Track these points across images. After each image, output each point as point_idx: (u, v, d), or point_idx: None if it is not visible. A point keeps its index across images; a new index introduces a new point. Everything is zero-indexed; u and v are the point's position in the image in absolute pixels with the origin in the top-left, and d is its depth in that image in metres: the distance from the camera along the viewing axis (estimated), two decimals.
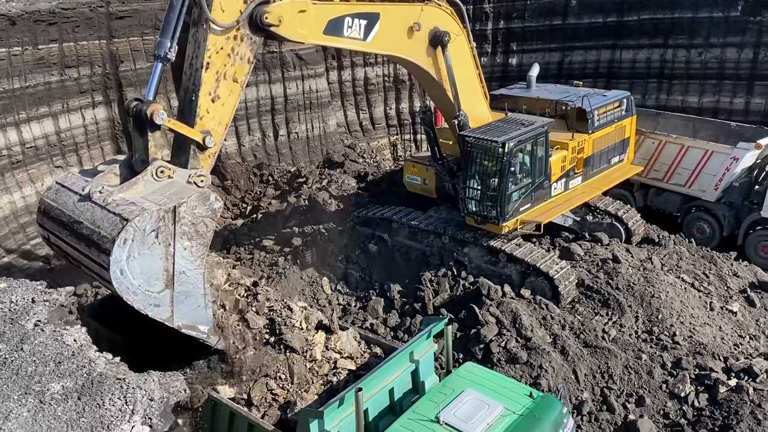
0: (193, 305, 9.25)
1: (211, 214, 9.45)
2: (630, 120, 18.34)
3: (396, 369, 9.28)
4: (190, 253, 9.14)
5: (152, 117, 9.61)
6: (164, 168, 9.77)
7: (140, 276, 8.57)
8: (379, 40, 12.97)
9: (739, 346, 13.61)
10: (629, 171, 18.59)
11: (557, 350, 13.10)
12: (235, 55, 10.46)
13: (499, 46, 27.59)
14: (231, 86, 10.55)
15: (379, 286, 15.99)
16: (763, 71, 23.60)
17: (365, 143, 26.35)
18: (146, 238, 8.61)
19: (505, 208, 14.87)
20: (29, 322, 6.90)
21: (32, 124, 18.70)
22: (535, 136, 15.05)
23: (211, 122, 10.40)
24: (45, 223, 9.74)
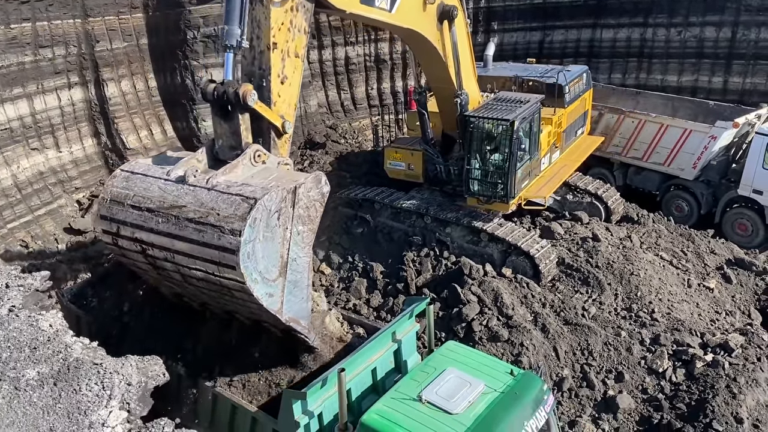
0: (298, 297, 8.83)
1: (321, 198, 9.08)
2: (589, 93, 19.14)
3: (378, 349, 9.30)
4: (302, 238, 8.70)
5: (245, 98, 9.03)
6: (261, 153, 9.32)
7: (262, 260, 8.07)
8: (401, 13, 12.79)
9: (715, 322, 13.84)
10: (594, 141, 19.18)
11: (538, 328, 13.23)
12: (294, 28, 9.99)
13: (480, 26, 27.44)
14: (294, 63, 10.12)
15: (361, 267, 15.99)
16: (741, 50, 23.75)
17: (347, 123, 26.19)
18: (270, 219, 8.12)
19: (512, 186, 15.10)
20: (3, 308, 6.80)
21: (6, 105, 18.32)
22: (532, 113, 15.25)
23: (283, 105, 9.99)
24: (116, 215, 8.70)
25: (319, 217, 9.05)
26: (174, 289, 9.80)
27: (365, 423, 7.77)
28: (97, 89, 20.64)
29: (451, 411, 7.78)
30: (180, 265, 8.43)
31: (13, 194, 18.25)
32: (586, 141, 19.11)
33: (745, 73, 23.62)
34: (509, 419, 7.77)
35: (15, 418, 5.70)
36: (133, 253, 8.87)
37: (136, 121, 21.45)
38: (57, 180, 19.62)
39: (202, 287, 8.76)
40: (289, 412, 7.93)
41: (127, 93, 21.28)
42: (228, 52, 9.16)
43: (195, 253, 8.12)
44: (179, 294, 9.97)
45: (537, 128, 15.77)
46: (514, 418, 7.81)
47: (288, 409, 7.92)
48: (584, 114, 19.03)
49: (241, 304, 8.81)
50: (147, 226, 8.40)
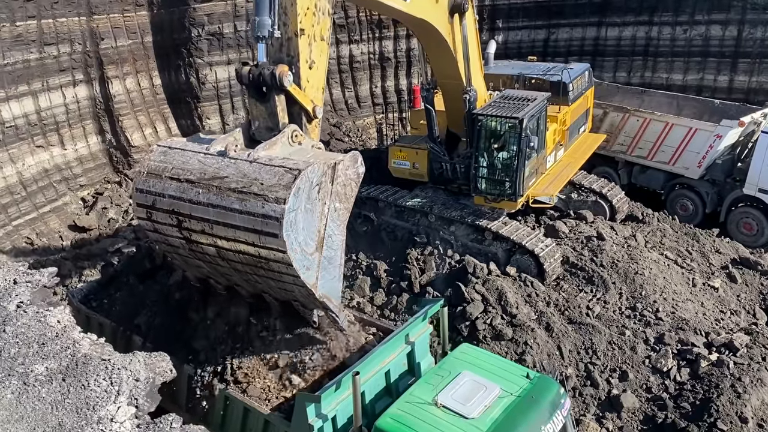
0: (331, 274, 8.94)
1: (357, 177, 9.20)
2: (591, 91, 19.03)
3: (392, 351, 9.18)
4: (338, 215, 8.84)
5: (281, 79, 9.08)
6: (298, 133, 9.43)
7: (302, 231, 8.17)
8: (415, 4, 12.81)
9: (720, 322, 13.82)
10: (597, 139, 19.10)
11: (542, 327, 13.22)
12: (318, 11, 9.97)
13: (485, 24, 27.41)
14: (321, 47, 10.14)
15: (365, 265, 15.99)
16: (747, 49, 23.68)
17: (351, 122, 26.21)
18: (312, 191, 8.25)
19: (521, 184, 15.09)
20: (11, 304, 6.83)
21: (11, 102, 18.39)
22: (540, 111, 15.19)
23: (312, 90, 9.99)
24: (153, 187, 8.74)
25: (354, 197, 9.15)
26: (202, 270, 9.69)
27: (380, 427, 7.70)
28: (102, 87, 20.69)
29: (466, 415, 7.67)
30: (218, 236, 8.45)
31: (18, 191, 18.32)
32: (589, 139, 19.08)
33: (751, 72, 23.56)
34: (526, 423, 7.66)
35: (24, 413, 5.73)
36: (167, 227, 8.86)
37: (140, 119, 21.51)
38: (62, 177, 19.69)
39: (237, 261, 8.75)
40: (302, 416, 7.84)
41: (131, 90, 21.34)
42: (260, 42, 9.21)
43: (237, 222, 8.16)
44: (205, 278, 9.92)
45: (544, 126, 15.73)
46: (532, 423, 7.70)
47: (301, 413, 7.84)
48: (586, 112, 18.96)
49: (276, 279, 8.77)
50: (186, 197, 8.44)
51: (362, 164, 9.26)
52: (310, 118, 9.83)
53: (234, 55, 22.86)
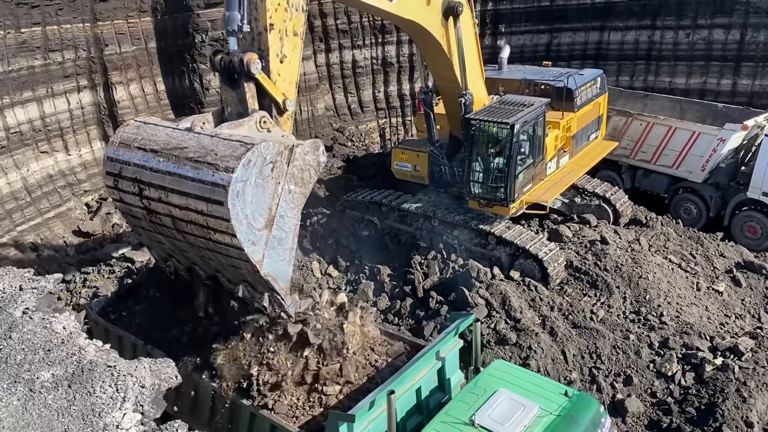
0: (280, 256, 9.05)
1: (316, 165, 9.40)
2: (603, 97, 18.72)
3: (423, 367, 8.95)
4: (293, 198, 9.05)
5: (249, 66, 9.35)
6: (267, 120, 9.64)
7: (250, 205, 8.41)
8: (402, 5, 12.93)
9: (724, 326, 13.79)
10: (608, 146, 18.90)
11: (546, 331, 13.21)
12: (291, 7, 10.23)
13: (487, 28, 27.49)
14: (294, 41, 10.38)
15: (368, 270, 16.01)
16: (749, 52, 23.68)
17: (354, 126, 26.27)
18: (264, 167, 8.48)
19: (513, 189, 15.00)
20: (17, 310, 6.85)
21: (16, 108, 18.46)
22: (536, 117, 15.11)
23: (284, 84, 10.26)
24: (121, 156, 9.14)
25: (312, 184, 9.37)
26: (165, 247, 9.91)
27: None
28: (106, 92, 20.76)
29: None
30: (173, 205, 8.71)
31: (22, 197, 18.38)
32: (600, 146, 18.88)
33: (754, 75, 23.54)
34: None
35: (30, 420, 5.74)
36: (131, 196, 9.20)
37: None
38: (66, 183, 19.74)
39: (190, 234, 8.97)
40: None
41: (135, 96, 21.40)
42: (231, 36, 9.56)
43: (189, 190, 8.45)
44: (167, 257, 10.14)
45: (542, 132, 15.65)
46: None
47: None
48: (598, 118, 18.76)
49: (225, 254, 8.90)
50: (148, 165, 8.77)
51: (324, 153, 9.50)
52: (280, 110, 10.04)
53: None
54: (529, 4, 26.92)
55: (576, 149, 17.78)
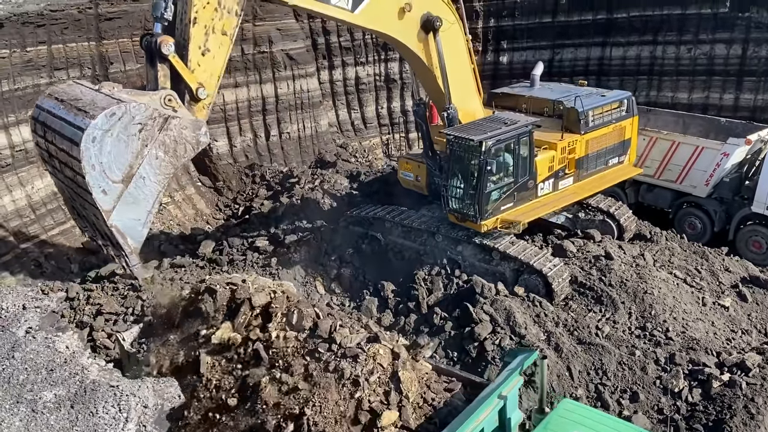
0: (134, 214, 9.65)
1: (195, 143, 10.31)
2: (631, 121, 17.82)
3: (485, 408, 8.60)
4: (159, 165, 9.79)
5: (160, 47, 10.27)
6: (172, 98, 10.48)
7: (108, 155, 9.20)
8: (368, 15, 13.16)
9: (731, 341, 13.69)
10: (627, 172, 18.19)
11: (551, 347, 13.13)
12: (222, 8, 11.07)
13: (489, 44, 27.63)
14: (221, 39, 11.21)
15: (372, 286, 15.98)
16: (751, 67, 23.72)
17: (357, 142, 26.34)
18: (131, 126, 9.39)
19: (483, 206, 14.86)
20: (20, 329, 6.84)
21: (21, 127, 18.53)
22: (516, 136, 14.88)
23: (203, 74, 11.06)
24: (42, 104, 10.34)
25: (185, 159, 10.26)
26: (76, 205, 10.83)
27: None
28: None
29: None
30: (57, 147, 9.60)
31: (27, 214, 18.42)
32: (621, 171, 18.01)
33: (757, 90, 23.56)
34: None
35: None
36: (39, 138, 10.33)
37: None
38: None
39: (68, 178, 9.78)
40: None
41: None
42: (157, 22, 10.69)
43: (65, 132, 9.39)
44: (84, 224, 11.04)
45: (528, 152, 15.30)
46: None
47: None
48: (623, 143, 17.83)
49: (84, 198, 9.53)
50: (53, 111, 9.79)
51: (206, 134, 10.41)
52: (193, 96, 10.87)
53: (242, 78, 23.07)
54: (531, 20, 27.05)
55: (586, 173, 17.16)
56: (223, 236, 18.85)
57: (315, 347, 9.39)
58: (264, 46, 23.25)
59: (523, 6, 26.92)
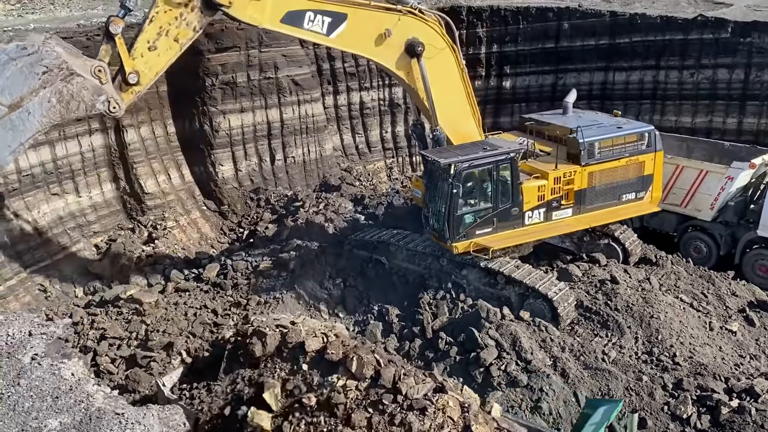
0: (7, 140, 10.85)
1: (90, 105, 11.39)
2: (652, 156, 16.80)
3: None
4: (48, 108, 10.87)
5: (109, 26, 11.64)
6: (102, 69, 11.72)
7: (6, 80, 10.58)
8: (344, 39, 13.82)
9: (739, 366, 13.57)
10: (643, 209, 17.33)
11: (557, 373, 13.05)
12: (183, 19, 12.33)
13: (492, 70, 27.80)
14: (171, 44, 12.47)
15: (377, 310, 15.93)
16: (754, 91, 23.79)
17: (361, 166, 26.43)
18: (37, 65, 10.63)
19: (454, 228, 14.89)
20: (26, 356, 6.82)
21: (29, 152, 18.67)
22: (494, 162, 14.78)
23: (143, 65, 12.31)
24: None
25: (74, 115, 11.42)
26: None
27: None
28: (117, 135, 21.03)
29: None
30: None
31: (33, 239, 18.49)
32: (635, 207, 17.12)
33: (760, 114, 23.61)
34: None
35: None
36: None
37: (154, 166, 21.79)
38: (76, 224, 19.86)
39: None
40: None
41: (146, 138, 21.67)
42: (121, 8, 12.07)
43: None
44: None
45: (511, 179, 15.12)
46: None
47: None
48: (641, 179, 16.84)
49: None
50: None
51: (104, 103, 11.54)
52: (125, 79, 12.04)
53: (247, 103, 23.24)
54: (533, 46, 27.24)
55: (590, 206, 16.43)
56: (227, 260, 18.87)
57: (378, 398, 8.72)
58: (270, 72, 23.47)
59: (526, 32, 27.14)
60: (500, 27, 27.31)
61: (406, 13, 14.11)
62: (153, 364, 14.22)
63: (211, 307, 16.46)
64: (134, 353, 14.49)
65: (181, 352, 14.32)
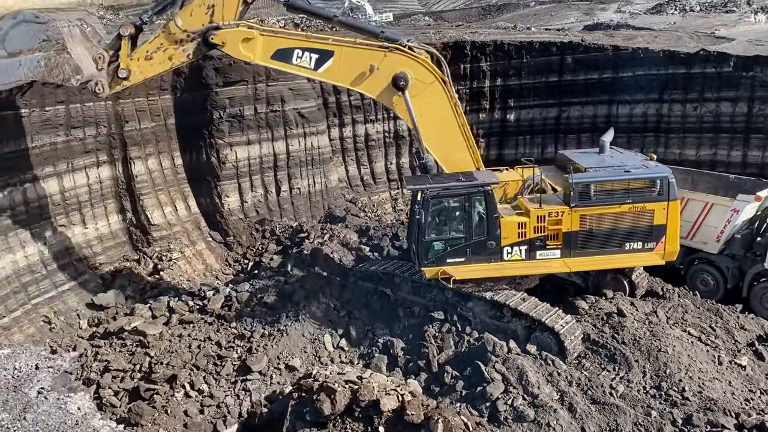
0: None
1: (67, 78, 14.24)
2: (663, 205, 15.43)
3: None
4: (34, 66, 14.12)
5: (120, 29, 14.71)
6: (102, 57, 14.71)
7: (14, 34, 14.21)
8: (331, 74, 15.08)
9: (750, 401, 13.37)
10: (647, 260, 16.03)
11: (565, 407, 12.89)
12: (181, 45, 14.70)
13: (497, 103, 28.07)
14: (165, 59, 14.94)
15: (382, 343, 15.83)
16: (758, 124, 23.93)
17: (366, 197, 26.55)
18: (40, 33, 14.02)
19: (422, 253, 15.13)
20: (32, 390, 6.78)
21: (37, 183, 18.85)
22: (467, 193, 14.88)
23: (136, 67, 14.94)
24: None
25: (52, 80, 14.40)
26: None
27: None
28: (125, 167, 21.22)
29: None
30: None
31: (38, 270, 18.52)
32: (639, 258, 15.93)
33: (764, 147, 23.69)
34: None
35: None
36: None
37: (161, 198, 21.92)
38: (82, 255, 19.91)
39: None
40: None
41: (153, 170, 21.84)
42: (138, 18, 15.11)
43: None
44: None
45: (486, 212, 15.05)
46: None
47: None
48: (649, 229, 15.51)
49: None
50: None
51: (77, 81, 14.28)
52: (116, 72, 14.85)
53: (254, 135, 23.48)
54: (537, 79, 27.53)
55: (582, 250, 15.56)
56: (232, 291, 18.83)
57: None
58: (276, 105, 23.75)
59: (530, 66, 27.46)
60: (504, 61, 27.65)
61: (392, 50, 14.71)
62: (156, 396, 14.10)
63: (215, 339, 16.39)
64: (137, 386, 14.37)
65: (185, 385, 14.24)
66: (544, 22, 53.20)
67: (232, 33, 14.46)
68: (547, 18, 57.59)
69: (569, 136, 27.43)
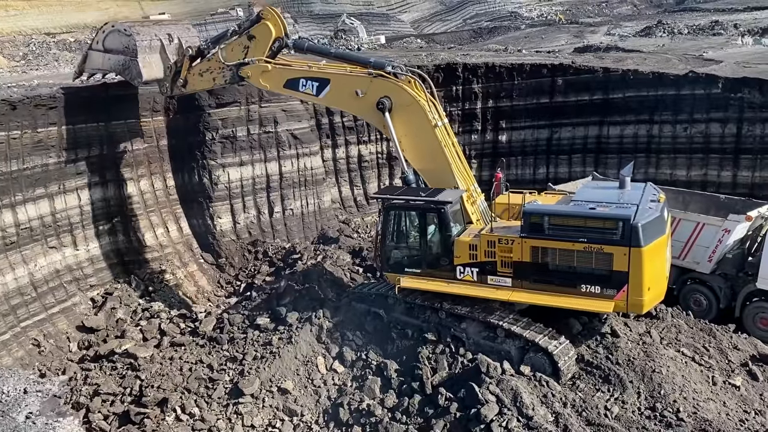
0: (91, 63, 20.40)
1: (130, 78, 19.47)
2: (624, 251, 13.61)
3: None
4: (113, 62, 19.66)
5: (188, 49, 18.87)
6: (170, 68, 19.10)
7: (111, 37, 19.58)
8: (330, 99, 17.32)
9: (745, 422, 13.32)
10: (599, 307, 14.41)
11: (560, 429, 12.78)
12: (222, 72, 18.13)
13: (488, 124, 28.27)
14: (210, 79, 18.53)
15: (375, 365, 15.71)
16: (747, 145, 24.18)
17: (359, 218, 26.55)
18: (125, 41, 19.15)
19: (383, 258, 16.38)
20: (20, 415, 6.66)
21: (28, 205, 18.76)
22: (423, 209, 15.68)
23: (191, 80, 18.80)
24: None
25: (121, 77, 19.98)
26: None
27: None
28: (116, 188, 21.16)
29: None
30: None
31: (28, 292, 18.35)
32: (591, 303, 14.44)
33: (754, 167, 23.93)
34: None
35: None
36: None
37: (153, 219, 21.83)
38: (72, 278, 19.76)
39: None
40: None
41: (145, 192, 21.78)
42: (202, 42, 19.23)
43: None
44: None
45: (441, 230, 15.40)
46: None
47: None
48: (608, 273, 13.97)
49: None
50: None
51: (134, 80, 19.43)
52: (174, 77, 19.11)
53: (247, 156, 23.52)
54: (528, 101, 27.78)
55: (534, 283, 14.86)
56: (224, 314, 18.70)
57: None
58: (269, 126, 23.83)
59: (521, 88, 27.72)
60: (496, 83, 27.92)
61: (377, 76, 16.13)
62: (147, 420, 13.93)
63: (206, 362, 16.24)
64: (128, 409, 14.19)
65: (176, 408, 14.08)
66: (534, 44, 53.83)
67: (254, 68, 17.52)
68: (538, 40, 58.31)
69: (561, 156, 27.61)
